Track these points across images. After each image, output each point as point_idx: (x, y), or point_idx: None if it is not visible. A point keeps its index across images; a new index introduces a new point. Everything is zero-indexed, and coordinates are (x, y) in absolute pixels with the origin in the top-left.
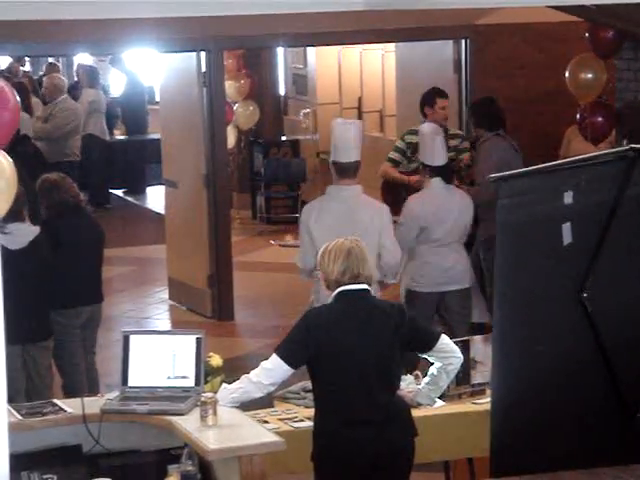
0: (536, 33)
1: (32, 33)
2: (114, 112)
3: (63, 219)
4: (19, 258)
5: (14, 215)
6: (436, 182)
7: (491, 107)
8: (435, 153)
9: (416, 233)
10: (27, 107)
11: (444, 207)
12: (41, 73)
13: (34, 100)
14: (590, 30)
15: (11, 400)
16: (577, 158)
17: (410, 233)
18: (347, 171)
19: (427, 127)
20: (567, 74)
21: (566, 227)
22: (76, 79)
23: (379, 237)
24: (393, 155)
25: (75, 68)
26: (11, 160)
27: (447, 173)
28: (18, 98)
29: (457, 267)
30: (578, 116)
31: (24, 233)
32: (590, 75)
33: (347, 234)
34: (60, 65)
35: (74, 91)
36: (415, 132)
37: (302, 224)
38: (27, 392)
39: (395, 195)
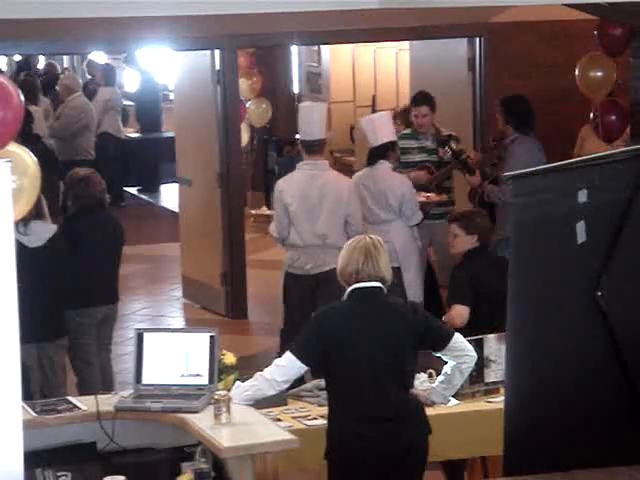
0: (551, 31)
1: (47, 31)
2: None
3: (86, 216)
4: (36, 256)
5: (34, 213)
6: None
7: (522, 106)
8: (368, 139)
9: None
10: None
11: (366, 187)
12: (41, 72)
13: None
14: (599, 28)
15: (26, 397)
16: (591, 156)
17: None
18: (313, 148)
19: (372, 115)
20: (577, 72)
21: (580, 226)
22: (89, 77)
23: (345, 207)
24: None
25: (85, 66)
26: (36, 159)
27: (371, 156)
28: (22, 97)
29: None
30: (592, 114)
31: (42, 231)
32: (600, 73)
33: (317, 205)
34: (57, 64)
35: (88, 89)
36: (408, 136)
37: (276, 197)
38: (41, 389)
39: None
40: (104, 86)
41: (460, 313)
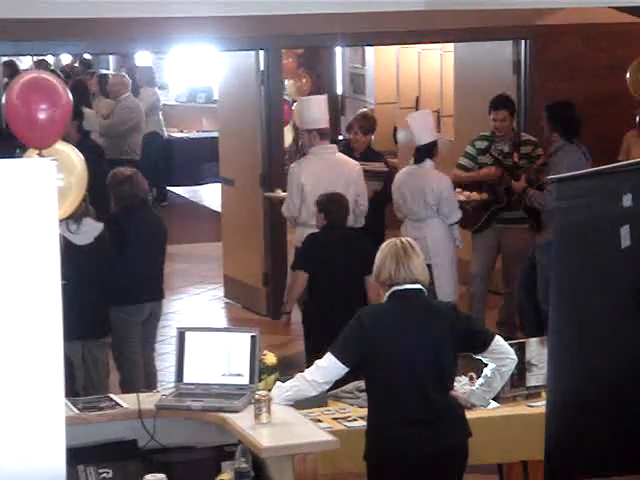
0: (597, 34)
1: (93, 31)
2: None
3: (130, 215)
4: (83, 254)
5: (85, 211)
6: (411, 161)
7: (569, 112)
8: (413, 135)
9: (395, 206)
10: (89, 104)
11: (407, 184)
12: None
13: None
14: None
15: (71, 394)
16: (636, 160)
17: (394, 206)
18: (327, 135)
19: (416, 113)
20: (628, 75)
21: (625, 230)
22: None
23: (355, 187)
24: (463, 161)
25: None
26: (82, 157)
27: (419, 153)
28: (71, 96)
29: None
30: (637, 118)
31: (90, 229)
32: None
33: (330, 185)
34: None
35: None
36: (485, 138)
37: (291, 179)
38: (84, 387)
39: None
40: (147, 86)
41: (302, 276)
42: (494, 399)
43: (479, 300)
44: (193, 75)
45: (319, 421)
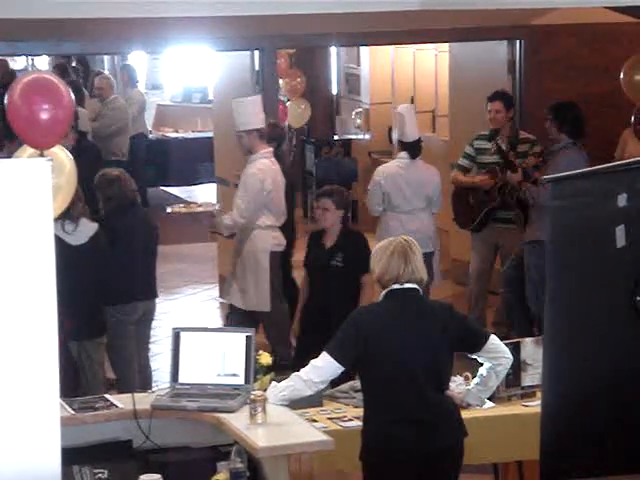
0: (592, 34)
1: (88, 31)
2: None
3: (120, 215)
4: (78, 254)
5: (83, 211)
6: (402, 155)
7: (575, 113)
8: (405, 130)
9: (379, 199)
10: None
11: (404, 178)
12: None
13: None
14: None
15: (75, 394)
16: (632, 160)
17: (373, 198)
18: (264, 136)
19: (401, 107)
20: (622, 75)
21: (620, 230)
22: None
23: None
24: (462, 162)
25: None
26: (71, 157)
27: (413, 149)
28: (73, 96)
29: (417, 233)
30: (633, 118)
31: (85, 229)
32: None
33: (282, 187)
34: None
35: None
36: (483, 137)
37: (255, 185)
38: (80, 387)
39: (463, 205)
40: (132, 87)
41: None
42: (489, 399)
43: (477, 299)
44: (188, 75)
45: (314, 421)
